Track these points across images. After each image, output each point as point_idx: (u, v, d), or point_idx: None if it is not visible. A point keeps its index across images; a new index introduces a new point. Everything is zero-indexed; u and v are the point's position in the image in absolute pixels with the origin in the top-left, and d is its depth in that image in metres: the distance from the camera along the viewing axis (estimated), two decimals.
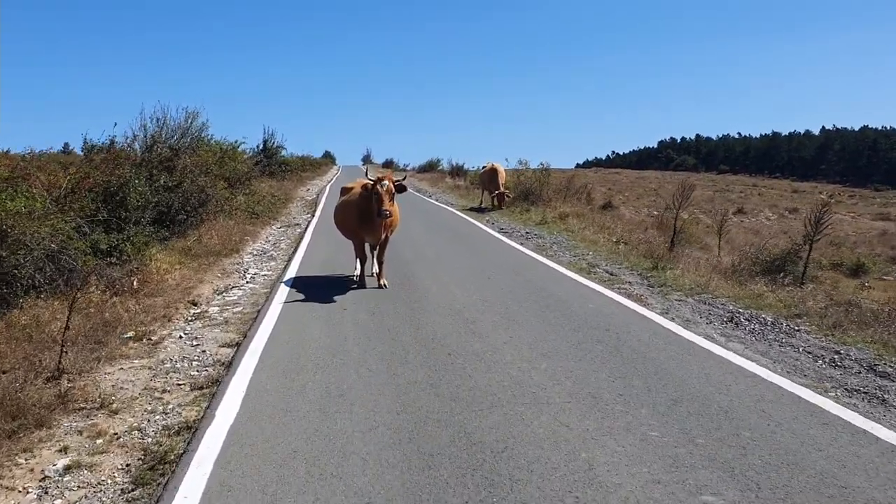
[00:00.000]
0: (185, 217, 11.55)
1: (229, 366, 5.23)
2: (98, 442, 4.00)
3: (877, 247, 24.54)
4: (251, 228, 14.14)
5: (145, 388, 4.90)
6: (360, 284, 8.18)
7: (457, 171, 35.06)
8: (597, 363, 5.07)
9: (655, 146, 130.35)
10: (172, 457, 3.70)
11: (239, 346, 5.76)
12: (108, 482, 3.53)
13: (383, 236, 8.12)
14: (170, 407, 4.51)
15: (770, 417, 4.01)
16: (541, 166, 20.68)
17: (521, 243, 12.20)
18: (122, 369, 5.31)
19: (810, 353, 5.54)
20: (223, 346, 5.90)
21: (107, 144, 10.73)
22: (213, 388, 4.78)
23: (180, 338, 6.20)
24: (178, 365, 5.41)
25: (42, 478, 3.59)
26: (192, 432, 4.00)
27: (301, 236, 13.40)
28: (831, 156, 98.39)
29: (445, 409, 4.15)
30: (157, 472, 3.55)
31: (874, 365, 5.16)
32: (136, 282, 7.89)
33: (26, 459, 3.78)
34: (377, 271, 8.32)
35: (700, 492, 3.13)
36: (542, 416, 4.03)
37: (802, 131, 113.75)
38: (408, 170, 42.10)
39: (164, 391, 4.84)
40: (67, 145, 15.07)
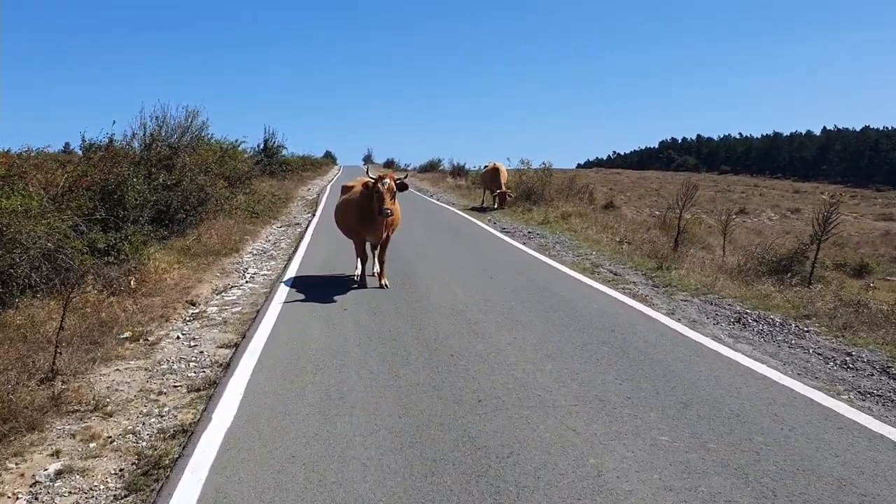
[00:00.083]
0: (184, 216, 11.43)
1: (227, 367, 5.11)
2: (91, 446, 3.89)
3: (880, 247, 24.43)
4: (251, 228, 14.04)
5: (141, 390, 4.79)
6: (361, 284, 8.06)
7: (458, 171, 34.95)
8: (603, 365, 4.96)
9: (657, 146, 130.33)
10: (167, 461, 3.59)
11: (237, 347, 5.65)
12: (101, 488, 3.41)
13: (384, 235, 8.00)
14: (165, 409, 4.40)
15: (783, 421, 3.89)
16: (543, 166, 20.56)
17: (524, 243, 12.08)
18: (117, 370, 5.20)
19: (821, 354, 5.43)
20: (221, 347, 5.78)
21: (105, 143, 10.59)
22: (210, 389, 4.67)
23: (178, 338, 6.09)
24: (174, 366, 5.29)
25: (32, 483, 3.48)
26: (187, 436, 3.88)
27: (301, 236, 13.29)
28: (832, 156, 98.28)
29: (448, 413, 4.03)
30: (151, 478, 3.43)
31: (887, 367, 5.03)
32: (134, 281, 7.78)
33: (17, 464, 3.66)
34: (378, 271, 8.20)
35: (714, 499, 3.01)
36: (549, 419, 3.91)
37: (804, 132, 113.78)
38: (409, 170, 42.08)
39: (160, 393, 4.73)
40: (68, 145, 14.95)
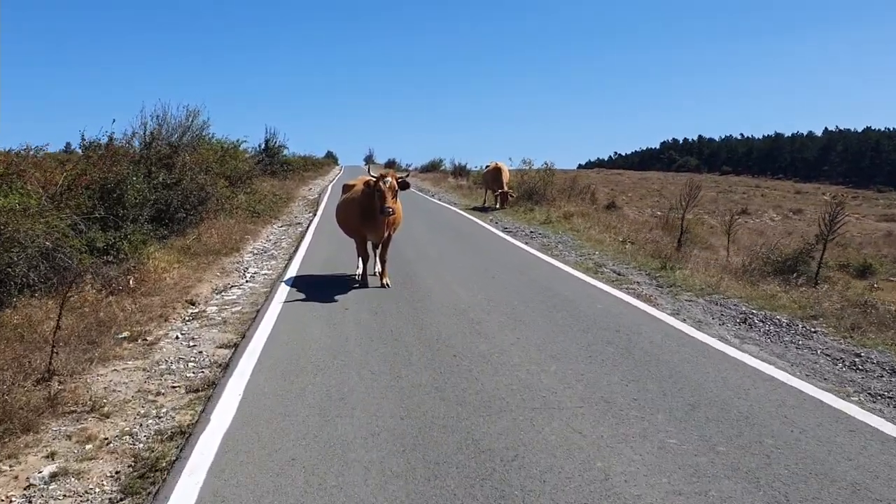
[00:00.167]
0: (184, 215, 11.36)
1: (226, 367, 5.04)
2: (87, 448, 3.81)
3: (882, 248, 24.30)
4: (252, 227, 13.97)
5: (139, 391, 4.71)
6: (363, 284, 7.98)
7: (459, 171, 34.85)
8: (608, 366, 4.87)
9: (658, 147, 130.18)
10: (164, 464, 3.51)
11: (237, 347, 5.57)
12: (96, 491, 3.34)
13: (386, 234, 7.92)
14: (163, 410, 4.32)
15: (793, 424, 3.81)
16: (545, 166, 20.48)
17: (526, 242, 12.00)
18: (115, 371, 5.12)
19: (829, 355, 5.34)
20: (220, 347, 5.71)
21: (105, 141, 10.52)
22: (208, 390, 4.59)
23: (177, 338, 6.02)
24: (173, 366, 5.22)
25: (27, 486, 3.40)
26: (185, 438, 3.81)
27: (302, 235, 13.21)
28: (834, 157, 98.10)
29: (451, 414, 3.95)
30: (148, 481, 3.35)
31: None
32: (133, 281, 7.70)
33: (10, 466, 3.59)
34: (379, 270, 8.12)
35: None
36: (554, 421, 3.83)
37: (805, 132, 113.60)
38: (410, 170, 41.97)
39: (157, 394, 4.65)
40: (69, 145, 14.88)
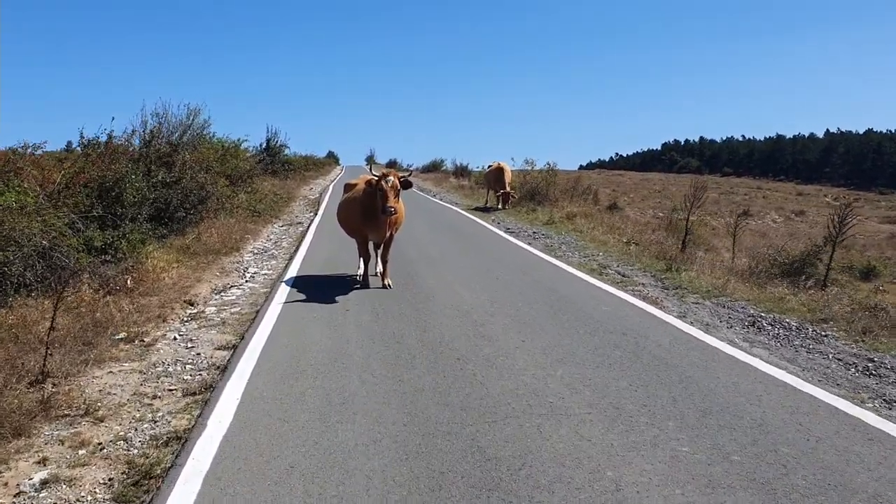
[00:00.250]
0: (183, 214, 11.24)
1: (224, 370, 4.92)
2: (80, 453, 3.70)
3: (886, 250, 24.11)
4: (252, 227, 13.85)
5: (134, 394, 4.59)
6: (364, 284, 7.86)
7: (461, 171, 34.72)
8: (616, 370, 4.75)
9: (659, 148, 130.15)
10: (159, 471, 3.39)
11: (235, 349, 5.46)
12: (88, 499, 3.22)
13: (388, 234, 7.80)
14: (159, 414, 4.21)
15: (809, 432, 3.69)
16: (547, 166, 20.36)
17: (529, 243, 11.88)
18: (110, 373, 5.00)
19: (841, 360, 5.22)
20: (219, 349, 5.59)
21: (104, 139, 10.40)
22: (206, 393, 4.48)
23: (174, 339, 5.90)
24: (170, 368, 5.10)
25: (17, 493, 3.28)
26: (181, 443, 3.69)
27: (303, 235, 13.10)
28: (835, 159, 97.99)
29: (456, 420, 3.83)
30: (142, 489, 3.24)
31: None
32: (131, 280, 7.59)
33: (0, 472, 3.47)
34: (381, 271, 8.00)
35: None
36: (562, 428, 3.71)
37: (807, 134, 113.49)
38: (412, 169, 41.86)
39: (154, 397, 4.54)
40: (70, 144, 14.80)
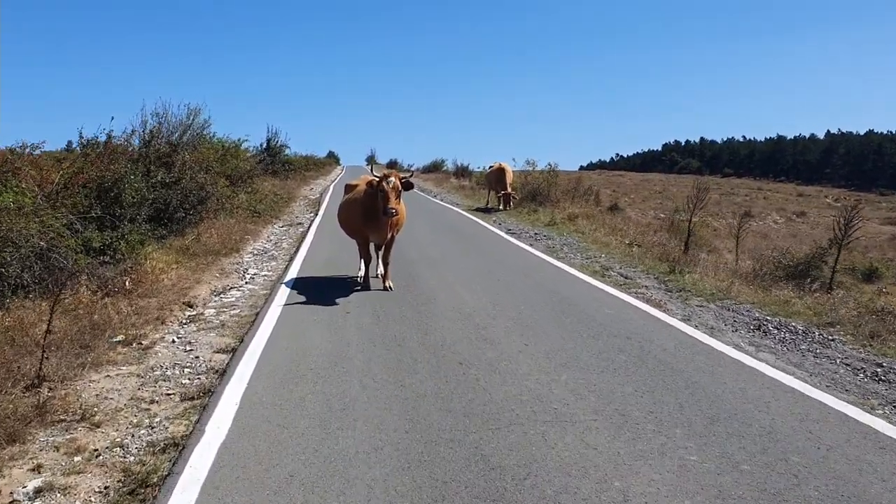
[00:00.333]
0: (183, 215, 11.16)
1: (223, 374, 4.85)
2: (76, 460, 3.62)
3: (888, 251, 24.05)
4: (252, 227, 13.78)
5: (132, 399, 4.52)
6: (365, 286, 7.79)
7: (461, 172, 34.66)
8: (621, 375, 4.68)
9: (659, 149, 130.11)
10: (155, 479, 3.32)
11: (234, 352, 5.38)
12: None
13: (389, 236, 7.73)
14: (156, 420, 4.13)
15: (819, 440, 3.62)
16: (549, 167, 20.29)
17: (531, 244, 11.80)
18: (108, 377, 4.93)
19: (849, 365, 5.15)
20: (218, 352, 5.52)
21: (103, 139, 10.32)
22: (204, 398, 4.40)
23: (173, 342, 5.83)
24: (168, 372, 5.03)
25: (10, 501, 3.21)
26: (178, 450, 3.62)
27: (303, 235, 13.02)
28: (836, 160, 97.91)
29: (459, 427, 3.76)
30: (138, 498, 3.16)
31: None
32: (129, 282, 7.51)
33: None
34: (382, 272, 7.93)
35: None
36: (567, 436, 3.64)
37: (807, 135, 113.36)
38: (412, 170, 41.80)
39: (151, 402, 4.46)
40: (70, 143, 14.76)
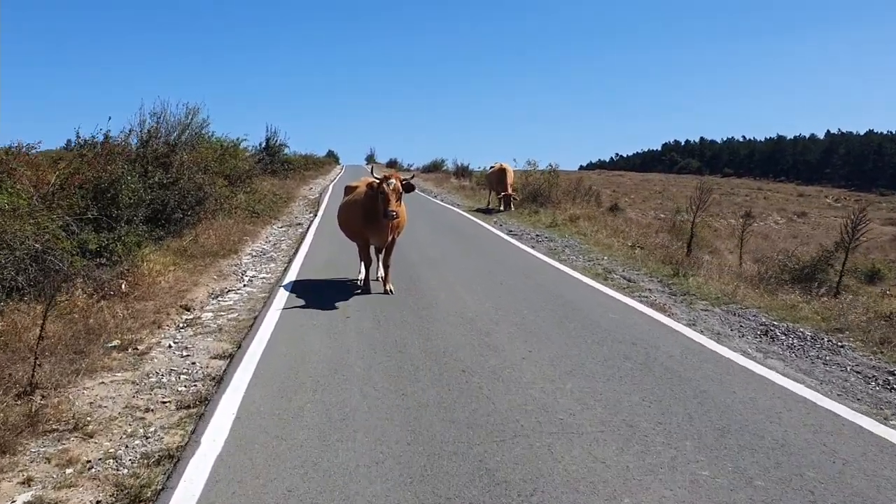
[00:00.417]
0: (181, 216, 11.04)
1: (220, 381, 4.74)
2: (67, 472, 3.51)
3: (889, 252, 23.95)
4: (251, 228, 13.67)
5: (126, 407, 4.41)
6: (365, 289, 7.68)
7: (462, 172, 34.54)
8: (627, 383, 4.57)
9: (659, 149, 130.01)
10: (149, 493, 3.21)
11: (232, 358, 5.27)
12: None
13: (390, 238, 7.61)
14: (151, 430, 4.02)
15: (835, 453, 3.51)
16: (549, 167, 20.18)
17: (532, 246, 11.69)
18: (102, 383, 4.82)
19: (860, 372, 5.04)
20: (215, 358, 5.40)
21: (100, 139, 10.21)
22: (200, 407, 4.29)
23: (169, 347, 5.72)
24: (164, 379, 4.91)
25: None
26: (173, 462, 3.51)
27: (303, 237, 12.91)
28: (836, 160, 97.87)
29: (462, 439, 3.65)
30: None
31: None
32: (126, 285, 7.39)
33: None
34: (383, 276, 7.82)
35: None
36: (574, 448, 3.53)
37: (807, 135, 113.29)
38: (412, 170, 41.71)
39: (146, 410, 4.35)
40: (69, 142, 14.69)
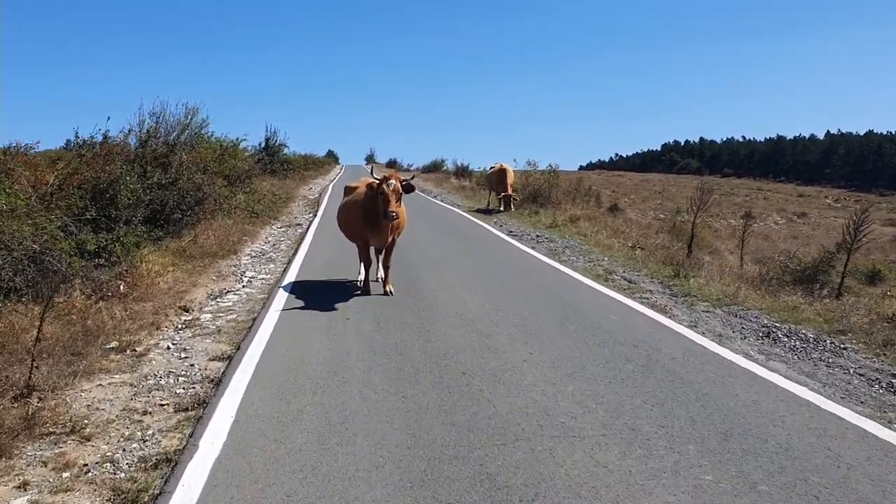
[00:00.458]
0: (180, 216, 11.00)
1: (218, 384, 4.70)
2: (64, 476, 3.48)
3: (890, 253, 23.91)
4: (250, 228, 13.63)
5: (124, 409, 4.37)
6: (365, 291, 7.64)
7: (462, 172, 34.50)
8: (629, 386, 4.54)
9: (659, 149, 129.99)
10: (146, 498, 3.18)
11: (230, 360, 5.24)
12: None
13: (390, 239, 7.58)
14: (149, 433, 3.98)
15: (839, 458, 3.47)
16: (549, 168, 20.15)
17: (533, 247, 11.65)
18: (100, 386, 4.78)
19: (863, 375, 5.00)
20: (213, 360, 5.37)
21: (99, 139, 10.16)
22: (199, 410, 4.26)
23: (168, 349, 5.69)
24: (162, 381, 4.88)
25: None
26: (171, 467, 3.47)
27: (302, 237, 12.88)
28: (836, 160, 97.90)
29: (463, 443, 3.61)
30: None
31: None
32: (124, 285, 7.36)
33: None
34: (383, 277, 7.78)
35: None
36: (576, 452, 3.49)
37: (807, 135, 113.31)
38: (412, 170, 41.67)
39: (144, 413, 4.32)
40: (69, 142, 14.70)
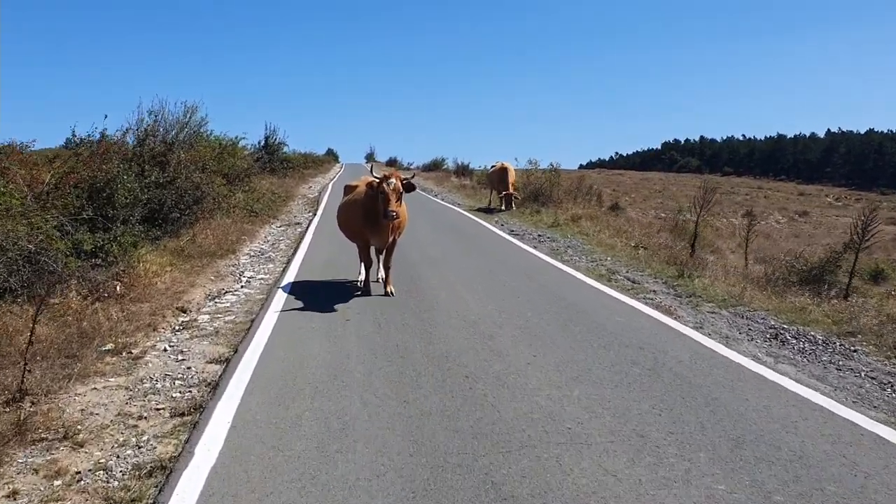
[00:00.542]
0: (178, 215, 10.88)
1: (215, 387, 4.59)
2: (55, 484, 3.37)
3: (892, 252, 23.79)
4: (249, 227, 13.52)
5: (118, 414, 4.26)
6: (365, 291, 7.53)
7: (462, 171, 34.39)
8: (636, 390, 4.43)
9: (659, 147, 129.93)
10: None
11: (228, 363, 5.13)
12: None
13: (390, 239, 7.46)
14: (144, 439, 3.88)
15: (856, 466, 3.37)
16: (551, 166, 20.03)
17: (534, 247, 11.54)
18: (94, 389, 4.67)
19: (874, 378, 4.90)
20: (211, 362, 5.26)
21: (96, 138, 10.05)
22: (195, 414, 4.15)
23: (164, 351, 5.58)
24: (158, 385, 4.77)
25: None
26: (165, 474, 3.36)
27: (302, 236, 12.76)
28: (836, 159, 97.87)
29: (467, 450, 3.50)
30: None
31: None
32: (121, 286, 7.24)
33: None
34: (383, 277, 7.67)
35: None
36: (583, 460, 3.39)
37: (808, 134, 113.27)
38: (413, 169, 41.55)
39: (139, 418, 4.21)
40: (68, 141, 14.62)
